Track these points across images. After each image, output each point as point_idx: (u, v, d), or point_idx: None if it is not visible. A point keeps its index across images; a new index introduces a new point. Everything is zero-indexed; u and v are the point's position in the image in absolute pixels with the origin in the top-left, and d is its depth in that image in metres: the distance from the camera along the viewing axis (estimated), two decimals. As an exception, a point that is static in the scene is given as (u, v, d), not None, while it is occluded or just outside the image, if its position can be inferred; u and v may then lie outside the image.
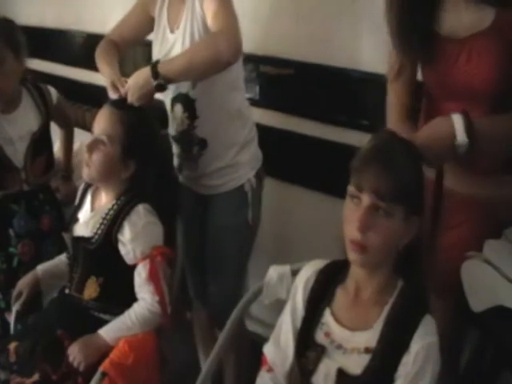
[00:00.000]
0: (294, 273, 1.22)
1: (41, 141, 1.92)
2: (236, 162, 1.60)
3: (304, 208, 2.00)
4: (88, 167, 1.46)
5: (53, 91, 1.98)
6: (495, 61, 1.16)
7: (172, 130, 1.64)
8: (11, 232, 1.92)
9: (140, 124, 1.46)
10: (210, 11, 1.43)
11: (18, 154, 1.90)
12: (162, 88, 1.44)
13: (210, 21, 1.43)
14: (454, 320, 1.31)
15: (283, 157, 1.92)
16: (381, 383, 1.01)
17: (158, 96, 1.54)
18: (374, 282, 1.05)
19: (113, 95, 1.50)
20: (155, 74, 1.41)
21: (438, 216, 1.16)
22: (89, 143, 1.46)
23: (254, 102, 2.02)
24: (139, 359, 1.36)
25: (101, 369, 1.33)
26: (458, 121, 1.10)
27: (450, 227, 1.24)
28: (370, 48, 1.62)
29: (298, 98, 1.92)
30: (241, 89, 1.62)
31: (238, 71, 1.58)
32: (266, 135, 1.73)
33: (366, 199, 0.98)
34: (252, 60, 1.96)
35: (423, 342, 0.98)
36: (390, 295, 1.04)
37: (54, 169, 2.04)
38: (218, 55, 1.37)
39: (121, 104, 1.46)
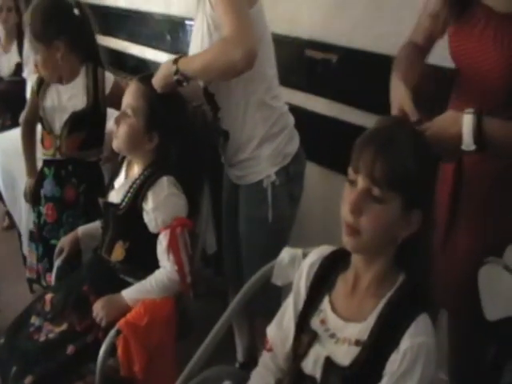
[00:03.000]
0: (306, 256, 1.21)
1: (82, 121, 1.96)
2: (255, 155, 1.57)
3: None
4: (116, 138, 1.54)
5: (109, 80, 1.97)
6: None
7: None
8: (42, 192, 2.04)
9: (163, 98, 1.49)
10: (218, 7, 1.37)
11: (57, 122, 1.98)
12: (181, 83, 1.44)
13: (220, 19, 1.37)
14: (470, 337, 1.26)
15: (325, 143, 1.90)
16: (367, 378, 0.99)
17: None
18: (372, 272, 1.03)
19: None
20: (176, 69, 1.42)
21: (453, 215, 1.11)
22: (117, 116, 1.53)
23: (297, 86, 2.03)
24: (153, 322, 1.43)
25: (116, 326, 1.41)
26: (467, 123, 1.03)
27: (468, 228, 1.19)
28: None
29: (342, 84, 1.88)
30: (263, 80, 1.53)
31: (260, 58, 1.45)
32: (308, 120, 1.71)
33: (360, 182, 0.96)
34: (297, 44, 1.94)
35: (413, 341, 0.95)
36: (388, 289, 1.02)
37: (99, 148, 2.05)
38: (232, 65, 1.33)
39: (147, 80, 1.50)
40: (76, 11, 1.90)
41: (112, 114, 1.94)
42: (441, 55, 1.33)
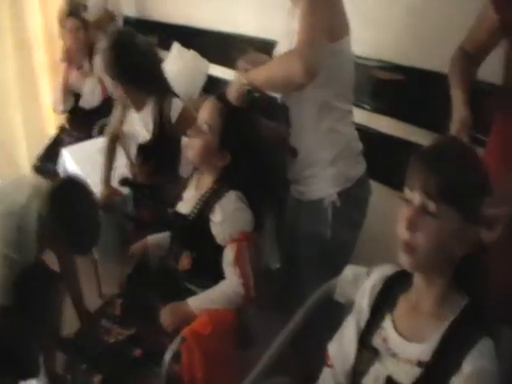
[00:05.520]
0: (369, 275, 1.21)
1: (150, 151, 2.02)
2: (319, 174, 1.59)
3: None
4: (190, 149, 1.59)
5: (177, 108, 1.98)
6: None
7: None
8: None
9: (238, 119, 1.53)
10: (300, 10, 1.38)
11: (131, 149, 2.07)
12: (251, 94, 1.48)
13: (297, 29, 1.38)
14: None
15: (391, 162, 1.89)
16: None
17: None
18: (433, 292, 1.03)
19: None
20: (246, 79, 1.45)
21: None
22: (191, 129, 1.59)
23: (363, 106, 2.04)
24: (216, 331, 1.46)
25: (181, 334, 1.46)
26: None
27: None
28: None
29: (409, 105, 1.88)
30: (338, 109, 1.55)
31: (338, 91, 1.53)
32: (373, 139, 1.71)
33: (415, 198, 0.97)
34: (364, 64, 1.95)
35: (476, 364, 0.94)
36: (451, 311, 1.01)
37: (174, 173, 2.08)
38: (290, 77, 1.35)
39: (223, 98, 1.54)
40: (141, 45, 1.95)
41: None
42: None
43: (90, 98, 3.30)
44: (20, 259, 1.65)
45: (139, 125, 2.01)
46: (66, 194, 1.71)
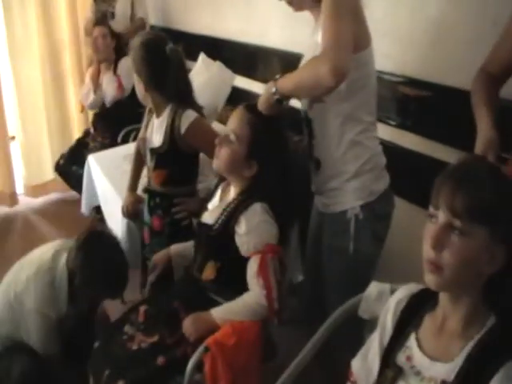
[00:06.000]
0: (394, 292, 1.23)
1: (163, 157, 2.02)
2: (343, 187, 1.60)
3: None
4: (216, 158, 1.61)
5: (187, 120, 1.95)
6: None
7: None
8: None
9: (267, 130, 1.54)
10: (322, 20, 1.38)
11: (147, 153, 2.09)
12: (280, 102, 1.47)
13: (321, 37, 1.38)
14: None
15: (416, 179, 1.89)
16: None
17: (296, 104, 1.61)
18: (460, 312, 1.02)
19: None
20: (275, 88, 1.45)
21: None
22: (219, 137, 1.60)
23: (389, 122, 2.05)
24: (240, 343, 1.47)
25: (205, 343, 1.48)
26: None
27: None
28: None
29: (435, 122, 1.88)
30: (361, 121, 1.55)
31: (361, 103, 1.54)
32: (398, 156, 1.71)
33: (441, 216, 0.97)
34: (390, 79, 1.97)
35: None
36: (477, 331, 1.01)
37: (187, 186, 2.09)
38: (318, 80, 1.34)
39: (253, 108, 1.55)
40: (170, 50, 1.96)
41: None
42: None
43: (106, 89, 3.39)
44: (54, 314, 1.82)
45: (156, 130, 2.04)
46: (93, 246, 1.83)
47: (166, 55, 1.95)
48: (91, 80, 3.46)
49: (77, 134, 4.04)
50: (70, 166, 3.49)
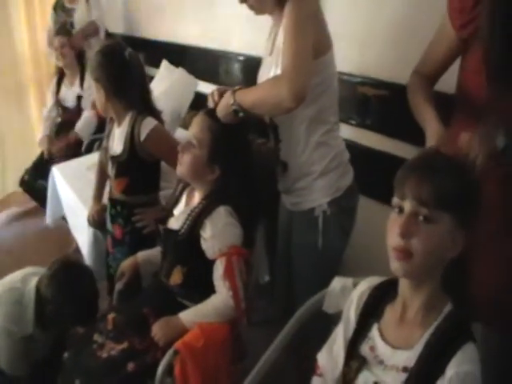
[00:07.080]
0: (356, 286, 1.26)
1: (123, 165, 2.00)
2: (310, 186, 1.63)
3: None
4: (180, 165, 1.62)
5: (147, 127, 1.92)
6: None
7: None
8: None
9: (227, 134, 1.56)
10: (285, 31, 1.40)
11: (109, 162, 2.07)
12: (237, 114, 1.49)
13: (282, 55, 1.39)
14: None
15: (377, 177, 1.94)
16: None
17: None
18: (419, 300, 1.07)
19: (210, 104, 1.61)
20: (234, 99, 1.47)
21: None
22: (181, 144, 1.62)
23: (350, 121, 2.10)
24: (209, 344, 1.48)
25: (174, 347, 1.48)
26: None
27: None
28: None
29: (394, 120, 1.93)
30: (326, 122, 1.59)
31: (324, 106, 1.56)
32: (359, 154, 1.74)
33: (407, 206, 1.01)
34: (349, 80, 2.01)
35: (459, 368, 0.98)
36: (435, 318, 1.06)
37: (148, 195, 2.07)
38: (279, 101, 1.36)
39: (213, 113, 1.57)
40: (129, 56, 1.94)
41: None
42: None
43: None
44: (19, 332, 1.85)
45: (117, 139, 2.02)
46: (66, 276, 1.87)
47: (125, 60, 1.93)
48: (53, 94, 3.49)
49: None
50: (35, 181, 3.44)
